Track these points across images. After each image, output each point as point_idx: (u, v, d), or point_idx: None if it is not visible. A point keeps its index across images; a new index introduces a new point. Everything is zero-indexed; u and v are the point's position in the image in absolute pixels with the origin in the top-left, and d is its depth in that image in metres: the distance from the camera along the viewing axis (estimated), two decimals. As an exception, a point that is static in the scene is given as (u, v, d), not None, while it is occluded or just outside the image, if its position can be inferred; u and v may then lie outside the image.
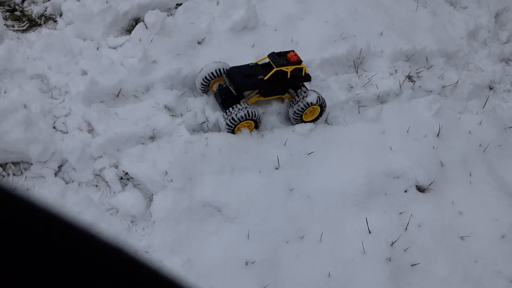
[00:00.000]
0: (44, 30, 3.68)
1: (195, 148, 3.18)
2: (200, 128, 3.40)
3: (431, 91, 4.08)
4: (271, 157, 3.25)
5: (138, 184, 3.03)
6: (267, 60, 3.39)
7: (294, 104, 3.43)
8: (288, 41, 4.06)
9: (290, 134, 3.41)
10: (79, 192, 2.79)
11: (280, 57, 3.34)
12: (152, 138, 3.25)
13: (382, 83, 3.96)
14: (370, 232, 2.96)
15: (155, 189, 2.96)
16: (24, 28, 3.79)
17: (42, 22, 3.88)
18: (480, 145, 3.69)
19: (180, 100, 3.47)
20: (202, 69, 3.45)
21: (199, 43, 3.89)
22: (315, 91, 3.48)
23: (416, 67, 4.24)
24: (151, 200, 2.95)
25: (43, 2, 4.03)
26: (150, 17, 3.74)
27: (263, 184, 3.12)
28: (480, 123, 3.84)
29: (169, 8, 4.20)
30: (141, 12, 4.01)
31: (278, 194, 3.09)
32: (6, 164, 2.94)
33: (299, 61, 3.34)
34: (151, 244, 2.74)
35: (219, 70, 3.40)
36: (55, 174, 2.94)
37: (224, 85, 3.43)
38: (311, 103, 3.40)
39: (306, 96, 3.40)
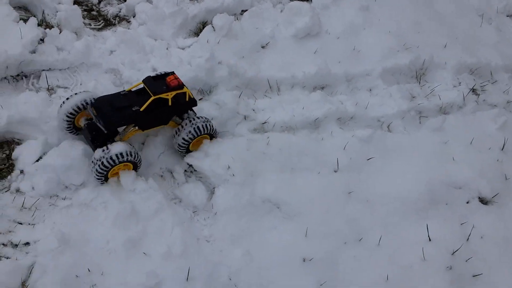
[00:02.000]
0: (119, 29, 3.88)
1: (257, 146, 3.25)
2: (261, 127, 3.47)
3: (495, 105, 4.00)
4: (330, 160, 3.28)
5: (201, 177, 3.12)
6: (142, 85, 2.91)
7: (180, 134, 3.02)
8: (350, 49, 4.10)
9: (350, 138, 3.42)
10: (148, 180, 2.91)
11: (157, 82, 2.85)
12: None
13: (445, 94, 3.92)
14: (430, 240, 2.92)
15: (217, 182, 3.04)
16: (100, 26, 4.02)
17: (116, 22, 4.09)
18: (547, 161, 3.57)
19: (241, 101, 3.55)
20: (63, 102, 2.90)
21: (262, 47, 3.99)
22: (204, 118, 3.08)
23: (480, 81, 4.17)
24: (212, 192, 3.03)
25: (118, 4, 4.25)
26: (218, 20, 3.89)
27: (322, 185, 3.14)
28: (547, 140, 3.72)
29: (235, 14, 4.33)
30: (208, 16, 4.16)
31: (337, 197, 3.10)
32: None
33: (181, 86, 2.89)
34: (212, 234, 2.82)
35: (85, 102, 2.87)
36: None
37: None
38: (198, 133, 3.01)
39: (192, 125, 2.99)
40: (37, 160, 2.93)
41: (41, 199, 2.78)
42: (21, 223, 2.68)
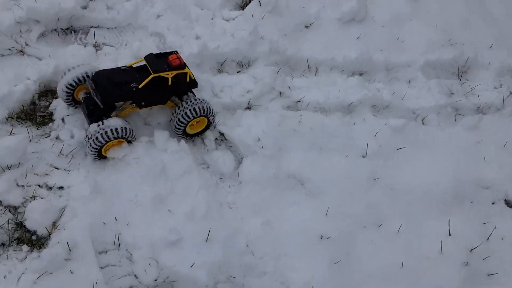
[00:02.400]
0: (167, -5, 3.96)
1: (289, 122, 3.30)
2: (294, 105, 3.51)
3: (535, 112, 3.91)
4: (360, 145, 3.30)
5: (231, 147, 3.19)
6: (144, 63, 2.86)
7: (177, 115, 2.95)
8: (393, 38, 4.07)
9: (382, 126, 3.43)
10: (179, 143, 3.00)
11: (159, 60, 2.80)
12: (249, 108, 3.41)
13: (485, 94, 3.86)
14: (450, 234, 2.93)
15: (246, 152, 3.11)
16: (150, -9, 4.10)
17: (165, -12, 4.17)
18: None
19: (278, 77, 3.59)
20: (64, 73, 2.87)
21: (306, 27, 4.00)
22: (202, 100, 2.99)
23: (523, 86, 4.09)
24: (240, 162, 3.11)
25: (169, -30, 4.32)
26: (265, -5, 3.92)
27: (348, 168, 3.17)
28: None
29: (282, -9, 4.35)
30: (256, -9, 4.19)
31: (362, 181, 3.13)
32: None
33: (182, 65, 2.82)
34: (235, 201, 2.90)
35: (86, 74, 2.85)
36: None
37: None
38: (195, 114, 2.93)
39: (190, 106, 2.91)
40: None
41: (78, 148, 2.91)
42: (57, 168, 2.82)
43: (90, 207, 2.63)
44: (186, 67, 2.86)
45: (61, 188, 2.75)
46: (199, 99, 2.98)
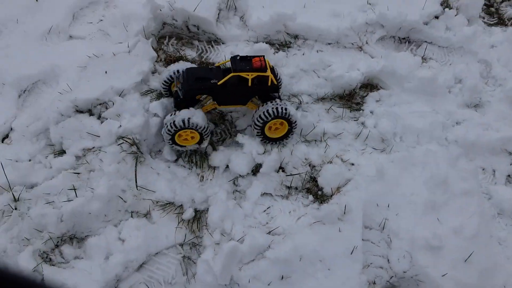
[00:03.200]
0: (510, 29, 3.95)
1: None
2: None
3: None
4: None
5: (523, 188, 3.07)
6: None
7: (258, 112, 2.96)
8: None
9: None
10: (469, 163, 3.06)
11: (242, 62, 2.84)
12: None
13: None
14: None
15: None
16: (492, 23, 4.17)
17: (509, 24, 4.16)
18: None
19: None
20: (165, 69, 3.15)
21: None
22: (284, 102, 2.95)
23: None
24: (527, 208, 2.96)
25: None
26: None
27: None
28: None
29: None
30: None
31: None
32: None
33: (264, 68, 2.82)
34: (507, 240, 2.80)
35: (177, 71, 3.05)
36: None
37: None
38: (271, 114, 2.91)
39: (273, 106, 2.91)
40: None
41: (377, 135, 3.27)
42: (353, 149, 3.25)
43: (371, 187, 2.95)
44: (267, 70, 2.88)
45: (352, 164, 3.16)
46: (276, 101, 2.98)
